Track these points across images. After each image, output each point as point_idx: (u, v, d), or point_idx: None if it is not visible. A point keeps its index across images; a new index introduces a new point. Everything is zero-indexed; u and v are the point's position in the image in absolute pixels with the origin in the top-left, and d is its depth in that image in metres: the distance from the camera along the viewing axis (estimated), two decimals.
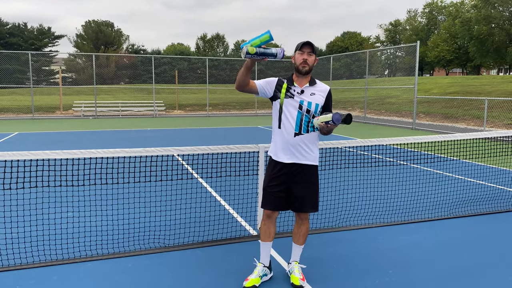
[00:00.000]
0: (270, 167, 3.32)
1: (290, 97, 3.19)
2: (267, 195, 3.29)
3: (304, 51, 3.16)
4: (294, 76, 3.27)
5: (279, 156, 3.25)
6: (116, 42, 56.30)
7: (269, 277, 3.42)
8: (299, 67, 3.18)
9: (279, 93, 3.24)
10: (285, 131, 3.21)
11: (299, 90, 3.21)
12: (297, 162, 3.21)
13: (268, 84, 3.26)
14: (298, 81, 3.24)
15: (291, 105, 3.19)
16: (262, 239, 3.39)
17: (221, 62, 36.57)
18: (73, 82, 37.68)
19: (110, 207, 4.93)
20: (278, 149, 3.26)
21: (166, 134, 14.18)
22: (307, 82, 3.24)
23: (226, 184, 6.19)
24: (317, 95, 3.23)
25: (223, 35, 66.39)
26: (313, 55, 3.18)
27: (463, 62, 53.10)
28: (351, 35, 67.52)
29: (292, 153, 3.20)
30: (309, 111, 3.19)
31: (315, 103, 3.20)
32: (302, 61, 3.16)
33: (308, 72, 3.19)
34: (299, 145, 3.20)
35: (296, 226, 3.42)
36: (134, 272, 3.55)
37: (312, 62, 3.19)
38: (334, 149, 6.20)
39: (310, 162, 3.25)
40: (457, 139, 5.09)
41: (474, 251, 4.07)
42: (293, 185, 3.24)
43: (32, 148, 10.39)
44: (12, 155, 3.51)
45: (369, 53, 20.97)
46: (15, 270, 3.54)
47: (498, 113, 16.57)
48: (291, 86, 3.23)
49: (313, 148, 3.26)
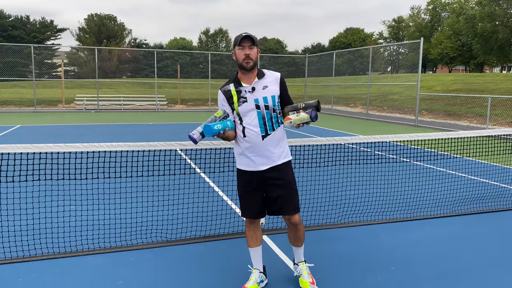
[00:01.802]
0: (240, 175, 3.11)
1: (244, 101, 2.95)
2: (244, 202, 3.11)
3: (244, 45, 2.91)
4: (240, 74, 3.02)
5: (251, 166, 3.02)
6: (118, 36, 56.17)
7: (265, 283, 3.26)
8: (242, 64, 2.92)
9: (233, 104, 2.99)
10: (251, 137, 2.96)
11: (249, 88, 2.96)
12: (271, 166, 2.99)
13: (224, 107, 3.03)
14: (245, 78, 3.00)
15: (248, 109, 2.94)
16: (250, 246, 3.21)
17: (223, 57, 36.46)
18: (75, 75, 37.66)
19: (113, 201, 4.94)
20: (247, 159, 3.01)
21: (168, 129, 14.18)
22: (255, 77, 2.99)
23: (229, 179, 6.18)
24: (270, 86, 2.99)
25: (226, 30, 66.27)
26: (254, 48, 2.93)
27: (466, 60, 52.92)
28: (354, 31, 67.29)
29: (265, 157, 2.97)
30: (268, 107, 2.96)
31: (271, 96, 2.97)
32: (244, 57, 2.90)
33: (253, 67, 2.95)
34: (270, 146, 2.97)
35: (289, 231, 3.21)
36: (136, 266, 3.55)
37: (255, 55, 2.94)
38: (336, 146, 6.19)
39: (282, 160, 3.04)
40: (459, 136, 5.07)
41: (476, 249, 4.06)
42: (268, 188, 3.03)
43: (34, 141, 10.40)
44: (14, 148, 3.51)
45: (372, 49, 20.89)
46: (17, 263, 3.55)
47: (501, 111, 16.51)
48: (240, 87, 2.98)
49: (282, 144, 3.06)
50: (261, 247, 3.24)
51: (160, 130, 13.69)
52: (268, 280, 3.32)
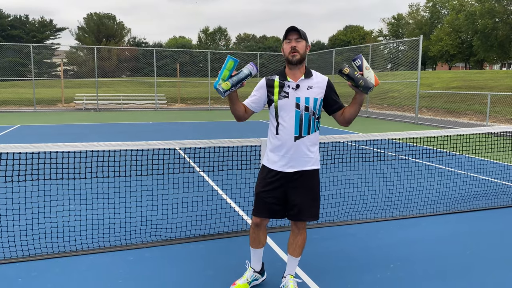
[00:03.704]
0: (264, 172, 3.00)
1: (285, 97, 2.84)
2: (260, 201, 2.96)
3: (291, 38, 2.81)
4: (287, 69, 2.90)
5: (277, 166, 2.91)
6: (117, 35, 56.11)
7: (261, 280, 3.25)
8: (289, 58, 2.81)
9: (272, 96, 2.89)
10: (284, 135, 2.86)
11: (293, 85, 2.84)
12: (299, 169, 2.89)
13: (258, 93, 2.95)
14: (291, 74, 2.87)
15: (288, 106, 2.83)
16: (252, 246, 3.15)
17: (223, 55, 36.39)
18: (75, 75, 37.61)
19: (112, 200, 4.94)
20: (276, 158, 2.91)
21: (167, 128, 14.18)
22: (302, 75, 2.86)
23: (228, 178, 6.19)
24: (315, 88, 2.86)
25: (225, 28, 66.22)
26: (302, 41, 2.81)
27: (466, 57, 52.85)
28: (353, 28, 67.16)
29: (293, 160, 2.87)
30: (308, 108, 2.84)
31: (313, 98, 2.84)
32: (291, 50, 2.79)
33: (300, 61, 2.82)
34: (300, 149, 2.86)
35: (292, 236, 3.08)
36: (136, 265, 3.56)
37: (302, 49, 2.82)
38: (336, 144, 6.18)
39: (311, 166, 2.92)
40: (459, 133, 5.06)
41: (476, 246, 4.06)
42: (290, 190, 2.92)
43: (34, 140, 10.40)
44: (14, 148, 3.51)
45: (372, 47, 20.88)
46: (17, 262, 3.55)
47: (501, 108, 16.51)
48: (284, 81, 2.86)
49: (314, 149, 2.94)
50: (262, 249, 3.19)
51: (159, 129, 13.69)
52: (267, 278, 3.33)
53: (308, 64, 26.62)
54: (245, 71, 2.73)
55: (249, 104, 2.97)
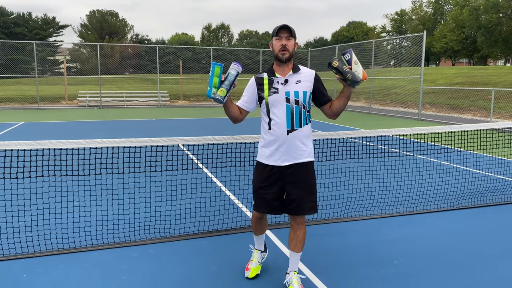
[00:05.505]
0: (259, 168, 3.05)
1: (275, 92, 2.91)
2: (259, 197, 3.04)
3: (282, 36, 2.85)
4: (275, 65, 2.97)
5: (271, 160, 2.96)
6: (120, 32, 56.12)
7: (266, 256, 3.47)
8: (278, 55, 2.87)
9: (262, 93, 2.96)
10: (277, 130, 2.92)
11: (282, 80, 2.91)
12: (293, 162, 2.94)
13: (248, 93, 3.03)
14: (280, 70, 2.94)
15: (278, 101, 2.90)
16: (256, 234, 3.35)
17: (225, 52, 36.34)
18: (78, 72, 37.70)
19: (116, 197, 4.95)
20: (270, 153, 2.97)
21: (171, 124, 14.20)
22: (290, 70, 2.93)
23: (231, 174, 6.20)
24: (303, 82, 2.93)
25: (228, 25, 66.14)
26: (292, 39, 2.87)
27: (470, 53, 52.55)
28: (356, 24, 66.92)
29: (287, 153, 2.92)
30: (298, 102, 2.90)
31: (303, 91, 2.91)
32: (280, 48, 2.85)
33: (289, 59, 2.88)
34: (293, 142, 2.92)
35: (292, 231, 3.10)
36: (140, 261, 3.57)
37: (292, 47, 2.88)
38: (339, 140, 6.17)
39: (305, 159, 2.97)
40: (463, 130, 5.04)
41: (479, 243, 4.06)
42: (287, 185, 2.97)
43: (37, 137, 10.43)
44: (18, 145, 3.52)
45: (375, 43, 20.78)
46: (22, 259, 3.57)
47: (504, 104, 16.42)
48: (273, 77, 2.93)
49: (307, 142, 2.99)
50: (264, 234, 3.40)
51: (162, 126, 13.70)
52: (270, 274, 3.34)
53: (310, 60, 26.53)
54: (232, 72, 2.79)
55: (243, 105, 3.06)
